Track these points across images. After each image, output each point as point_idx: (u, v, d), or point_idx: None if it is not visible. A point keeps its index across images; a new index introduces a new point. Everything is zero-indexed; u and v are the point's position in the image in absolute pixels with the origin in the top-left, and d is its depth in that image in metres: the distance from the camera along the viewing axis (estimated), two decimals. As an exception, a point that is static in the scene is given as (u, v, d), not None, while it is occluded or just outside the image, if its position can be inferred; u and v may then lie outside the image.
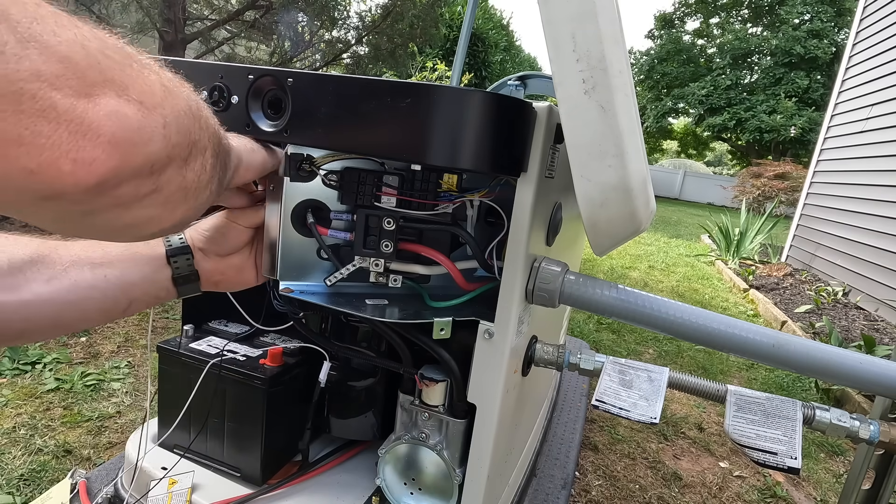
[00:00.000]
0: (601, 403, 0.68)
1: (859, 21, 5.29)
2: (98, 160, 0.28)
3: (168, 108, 0.33)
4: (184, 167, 0.36)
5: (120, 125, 0.29)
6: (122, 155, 0.30)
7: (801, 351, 0.63)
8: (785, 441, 0.63)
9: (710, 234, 7.37)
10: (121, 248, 0.60)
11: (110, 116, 0.29)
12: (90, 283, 0.56)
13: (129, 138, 0.30)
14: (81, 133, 0.28)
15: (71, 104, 0.27)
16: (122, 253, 0.60)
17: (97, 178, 0.29)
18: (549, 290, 0.66)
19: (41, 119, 0.26)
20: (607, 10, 0.48)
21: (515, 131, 0.57)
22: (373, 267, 0.68)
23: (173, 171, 0.35)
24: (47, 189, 0.28)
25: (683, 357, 3.01)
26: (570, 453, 1.37)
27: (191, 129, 0.35)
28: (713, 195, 18.52)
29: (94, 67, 0.28)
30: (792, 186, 9.49)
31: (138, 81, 0.31)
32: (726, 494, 1.80)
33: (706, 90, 20.51)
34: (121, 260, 0.59)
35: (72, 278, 0.55)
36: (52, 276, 0.54)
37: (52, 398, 1.83)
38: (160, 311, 2.57)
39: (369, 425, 0.89)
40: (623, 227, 0.57)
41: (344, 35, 4.87)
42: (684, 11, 23.89)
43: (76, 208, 0.30)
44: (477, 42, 15.44)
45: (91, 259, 0.57)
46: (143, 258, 0.61)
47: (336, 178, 0.68)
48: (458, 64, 2.19)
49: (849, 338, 3.38)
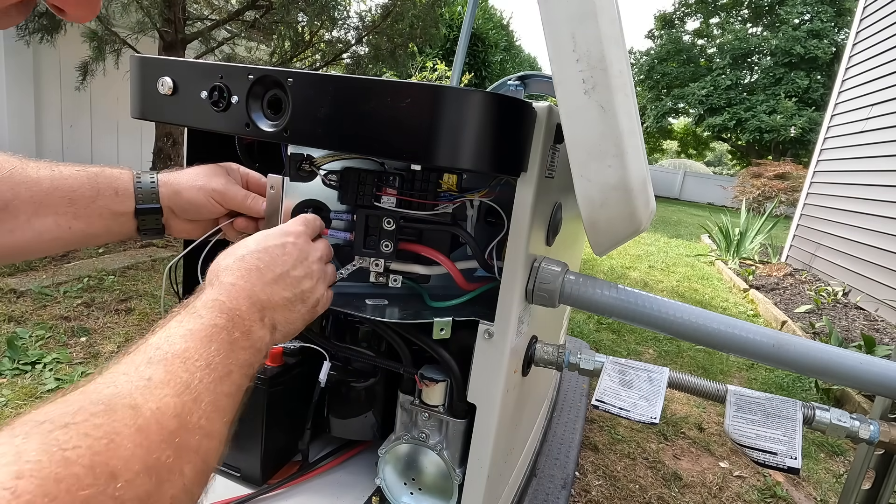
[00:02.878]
0: (601, 403, 0.68)
1: (859, 21, 5.28)
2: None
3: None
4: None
5: None
6: None
7: (801, 351, 0.63)
8: (785, 441, 0.63)
9: (710, 234, 7.37)
10: (87, 198, 0.60)
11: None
12: (54, 235, 0.58)
13: None
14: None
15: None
16: (88, 206, 0.60)
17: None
18: (549, 290, 0.66)
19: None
20: (607, 10, 0.48)
21: (515, 131, 0.57)
22: (373, 267, 0.68)
23: None
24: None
25: (683, 357, 3.01)
26: (570, 453, 1.37)
27: (148, 491, 0.29)
28: (713, 195, 18.51)
29: None
30: (792, 186, 9.49)
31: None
32: (726, 494, 1.80)
33: (706, 90, 20.51)
34: (87, 214, 0.60)
35: (35, 229, 0.56)
36: (14, 228, 0.55)
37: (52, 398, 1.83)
38: (160, 310, 2.57)
39: (369, 425, 0.89)
40: (623, 227, 0.57)
41: (344, 35, 4.86)
42: (684, 11, 23.88)
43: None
44: (477, 42, 15.44)
45: (56, 208, 0.58)
46: (109, 213, 0.62)
47: (336, 178, 0.68)
48: (458, 64, 2.19)
49: (849, 338, 3.37)
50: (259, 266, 0.50)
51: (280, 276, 0.51)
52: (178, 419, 0.33)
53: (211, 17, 4.49)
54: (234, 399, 0.40)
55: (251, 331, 0.45)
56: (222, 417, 0.38)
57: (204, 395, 0.36)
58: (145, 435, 0.30)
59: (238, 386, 0.41)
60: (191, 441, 0.33)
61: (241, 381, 0.42)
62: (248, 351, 0.44)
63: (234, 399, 0.40)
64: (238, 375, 0.41)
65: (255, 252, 0.51)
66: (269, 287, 0.49)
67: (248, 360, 0.44)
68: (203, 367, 0.38)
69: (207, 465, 0.35)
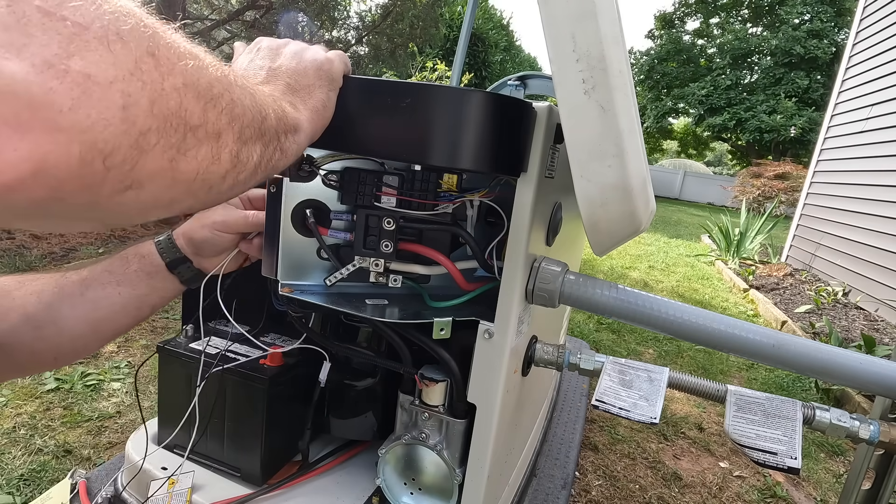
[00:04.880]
0: (601, 403, 0.68)
1: (859, 21, 5.28)
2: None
3: (139, 84, 0.25)
4: (175, 156, 0.29)
5: (25, 103, 0.21)
6: (34, 146, 0.22)
7: (801, 351, 0.63)
8: (785, 441, 0.63)
9: (710, 234, 7.37)
10: (121, 267, 0.68)
11: (8, 89, 0.21)
12: (110, 301, 0.65)
13: (48, 120, 0.22)
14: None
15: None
16: (125, 273, 0.68)
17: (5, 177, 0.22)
18: (549, 290, 0.66)
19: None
20: (607, 10, 0.48)
21: (515, 131, 0.57)
22: (373, 267, 0.68)
23: (155, 162, 0.27)
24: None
25: (683, 357, 3.01)
26: (570, 453, 1.37)
27: (186, 110, 0.29)
28: (713, 195, 18.51)
29: (13, 25, 0.21)
30: (792, 186, 9.48)
31: (93, 49, 0.24)
32: (726, 494, 1.80)
33: (706, 90, 20.51)
34: (127, 279, 0.68)
35: (90, 299, 0.64)
36: (73, 304, 0.63)
37: (52, 398, 1.83)
38: (160, 311, 2.57)
39: (369, 425, 0.89)
40: (623, 227, 0.57)
41: (344, 35, 4.87)
42: (684, 11, 23.88)
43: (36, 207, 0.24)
44: (477, 42, 15.45)
45: (101, 281, 0.66)
46: (145, 275, 0.69)
47: (336, 178, 0.68)
48: (458, 64, 2.19)
49: (849, 338, 3.38)
50: None
51: None
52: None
53: (211, 17, 4.49)
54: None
55: None
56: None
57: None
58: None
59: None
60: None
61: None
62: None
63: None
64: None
65: None
66: None
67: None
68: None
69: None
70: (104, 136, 0.24)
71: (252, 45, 0.52)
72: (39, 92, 0.22)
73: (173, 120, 0.28)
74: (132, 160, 0.26)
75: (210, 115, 0.31)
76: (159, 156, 0.27)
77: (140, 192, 0.28)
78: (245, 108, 0.34)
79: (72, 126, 0.23)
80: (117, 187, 0.26)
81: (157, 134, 0.27)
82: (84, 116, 0.23)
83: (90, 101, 0.23)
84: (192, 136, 0.29)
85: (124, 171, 0.26)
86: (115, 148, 0.25)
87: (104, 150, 0.24)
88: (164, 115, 0.27)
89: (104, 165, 0.25)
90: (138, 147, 0.26)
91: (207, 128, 0.31)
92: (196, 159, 0.30)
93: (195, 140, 0.30)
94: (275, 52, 0.50)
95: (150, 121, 0.26)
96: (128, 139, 0.25)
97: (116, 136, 0.25)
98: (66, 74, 0.23)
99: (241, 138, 0.34)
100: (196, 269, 0.72)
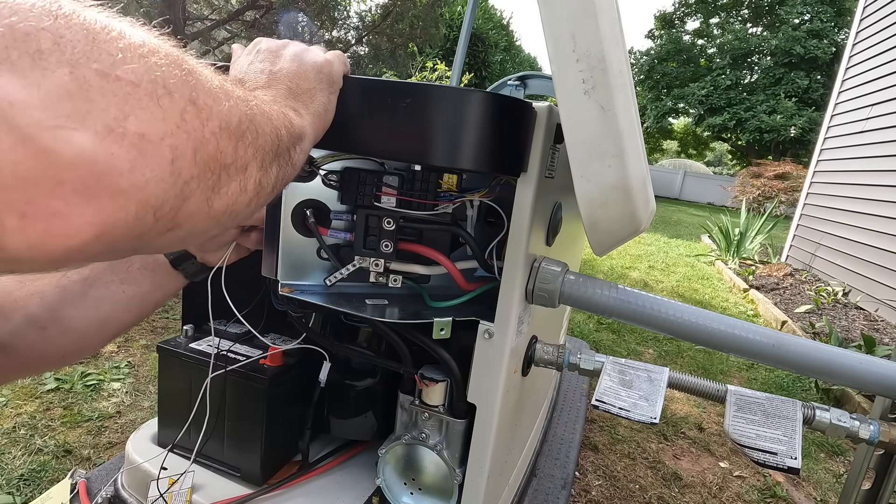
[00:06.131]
0: (601, 403, 0.68)
1: (859, 21, 5.28)
2: (61, 217, 0.22)
3: (184, 136, 0.27)
4: (211, 196, 0.30)
5: (91, 171, 0.22)
6: (98, 210, 0.23)
7: (801, 351, 0.63)
8: (785, 441, 0.63)
9: (710, 234, 7.37)
10: (123, 265, 0.68)
11: (78, 159, 0.22)
12: (114, 299, 0.66)
13: (111, 185, 0.23)
14: (35, 182, 0.21)
15: (17, 140, 0.20)
16: (127, 271, 0.68)
17: (63, 243, 0.22)
18: (549, 290, 0.66)
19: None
20: (607, 10, 0.48)
21: (515, 131, 0.57)
22: (373, 267, 0.68)
23: (195, 205, 0.29)
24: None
25: (683, 357, 3.01)
26: (570, 453, 1.37)
27: (223, 152, 0.30)
28: (713, 195, 18.50)
29: (77, 93, 0.22)
30: (792, 186, 9.48)
31: (144, 107, 0.25)
32: (726, 494, 1.80)
33: (706, 90, 20.51)
34: (130, 277, 0.68)
35: (94, 298, 0.65)
36: (77, 304, 0.63)
37: (52, 398, 1.83)
38: (160, 311, 2.57)
39: (369, 425, 0.89)
40: (623, 226, 0.57)
41: (344, 35, 4.87)
42: (684, 11, 23.88)
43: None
44: (477, 42, 15.45)
45: (103, 280, 0.66)
46: (148, 272, 0.70)
47: (336, 178, 0.68)
48: (458, 64, 2.19)
49: (849, 338, 3.37)
50: None
51: None
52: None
53: (211, 17, 4.49)
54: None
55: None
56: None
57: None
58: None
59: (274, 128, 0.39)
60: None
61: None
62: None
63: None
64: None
65: None
66: None
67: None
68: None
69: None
70: (156, 192, 0.26)
71: (251, 46, 0.52)
72: (103, 158, 0.23)
73: (212, 164, 0.29)
74: (176, 208, 0.28)
75: (240, 151, 0.32)
76: (198, 198, 0.29)
77: (178, 231, 0.29)
78: (265, 134, 0.35)
79: (130, 187, 0.24)
80: (160, 231, 0.28)
81: (198, 180, 0.28)
82: (140, 176, 0.24)
83: (145, 161, 0.25)
84: (224, 175, 0.31)
85: (169, 218, 0.28)
86: (164, 201, 0.26)
87: (155, 204, 0.26)
88: (204, 162, 0.28)
89: (154, 217, 0.26)
90: (182, 196, 0.28)
91: (237, 164, 0.32)
92: (227, 195, 0.32)
93: (227, 177, 0.31)
94: (274, 54, 0.50)
95: (194, 169, 0.28)
96: (174, 190, 0.27)
97: (166, 190, 0.26)
98: (125, 138, 0.24)
99: (262, 166, 0.35)
100: (200, 263, 0.73)
